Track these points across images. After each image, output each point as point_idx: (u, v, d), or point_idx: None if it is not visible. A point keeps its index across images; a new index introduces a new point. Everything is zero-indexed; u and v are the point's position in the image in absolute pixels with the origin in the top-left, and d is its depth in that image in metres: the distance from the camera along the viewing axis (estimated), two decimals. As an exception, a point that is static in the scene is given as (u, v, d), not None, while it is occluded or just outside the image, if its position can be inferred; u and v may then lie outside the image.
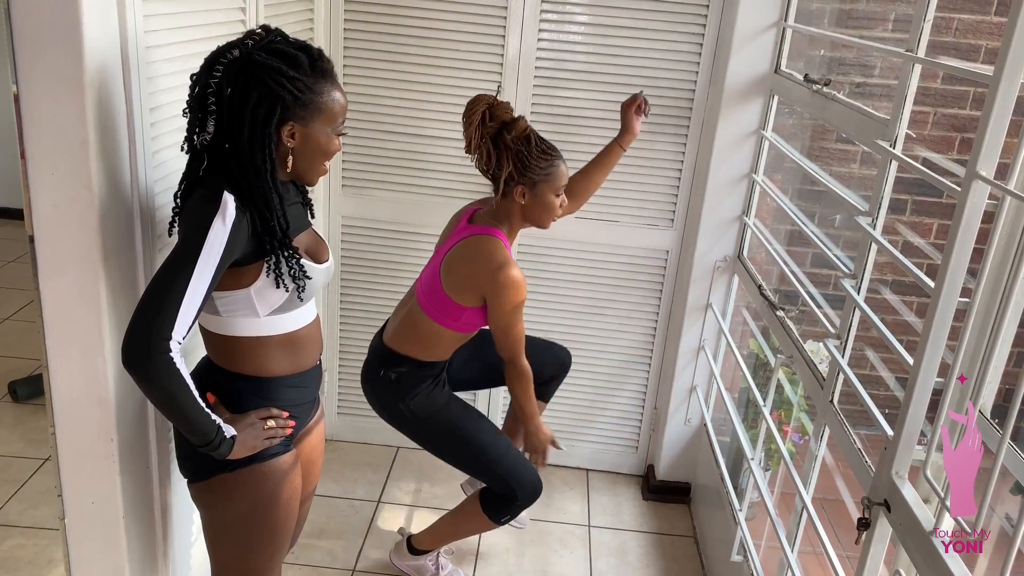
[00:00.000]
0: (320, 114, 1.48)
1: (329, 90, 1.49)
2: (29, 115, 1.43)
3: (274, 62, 1.42)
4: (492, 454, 2.21)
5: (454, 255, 2.08)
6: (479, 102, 2.00)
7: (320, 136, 1.50)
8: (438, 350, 2.16)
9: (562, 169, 2.04)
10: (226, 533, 1.62)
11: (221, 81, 1.41)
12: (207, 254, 1.37)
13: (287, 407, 1.62)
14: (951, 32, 3.10)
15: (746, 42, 2.52)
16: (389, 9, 2.63)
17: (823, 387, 1.90)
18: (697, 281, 2.78)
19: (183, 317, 1.36)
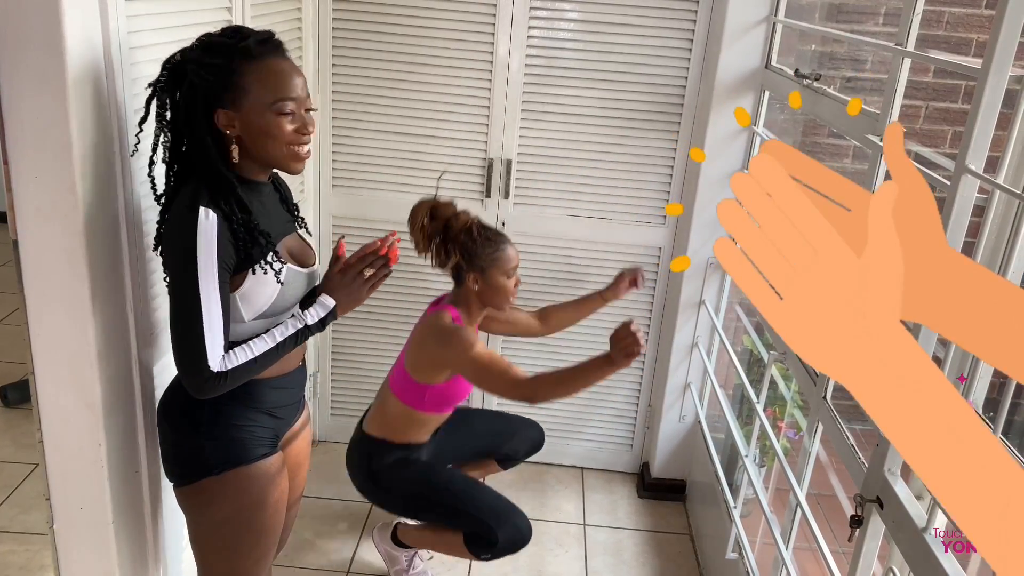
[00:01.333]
0: (246, 94, 1.42)
1: (252, 69, 1.42)
2: (11, 118, 1.41)
3: (194, 54, 1.42)
4: (462, 498, 2.25)
5: (413, 337, 2.22)
6: (419, 208, 2.11)
7: (257, 118, 1.43)
8: (411, 432, 2.24)
9: (509, 252, 2.13)
10: (212, 537, 1.61)
11: (165, 86, 1.43)
12: (204, 273, 1.38)
13: (272, 409, 1.61)
14: (942, 25, 3.09)
15: (736, 37, 2.51)
16: (378, 8, 2.61)
17: (815, 383, 1.90)
18: (690, 278, 2.77)
19: (211, 339, 1.40)
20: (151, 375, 1.76)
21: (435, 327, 2.12)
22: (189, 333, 1.40)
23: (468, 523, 2.24)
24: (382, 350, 2.97)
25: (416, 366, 2.17)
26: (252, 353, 1.46)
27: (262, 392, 1.58)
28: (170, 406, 1.60)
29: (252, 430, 1.58)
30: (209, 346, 1.40)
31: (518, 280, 2.17)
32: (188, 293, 1.39)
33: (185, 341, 1.41)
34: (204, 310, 1.39)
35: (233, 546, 1.61)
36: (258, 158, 1.49)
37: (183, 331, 1.41)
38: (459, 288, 2.17)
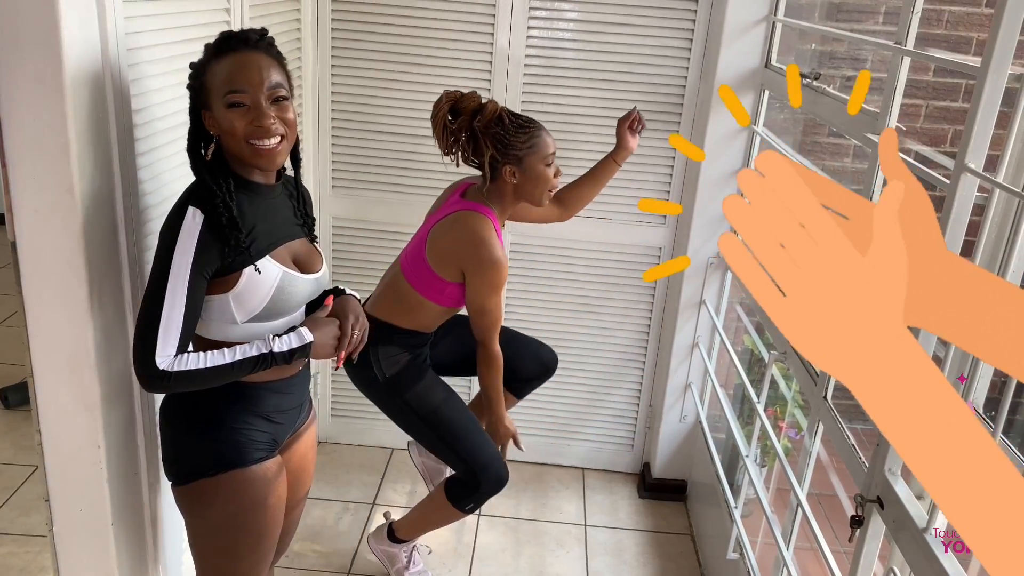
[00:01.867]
0: (210, 93, 1.43)
1: (214, 66, 1.42)
2: (8, 119, 1.41)
3: (202, 56, 1.46)
4: (456, 431, 2.17)
5: (440, 228, 2.06)
6: (440, 104, 2.01)
7: (219, 116, 1.43)
8: (420, 320, 2.14)
9: (544, 139, 2.02)
10: (208, 539, 1.60)
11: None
12: (176, 272, 1.38)
13: (271, 413, 1.60)
14: (942, 24, 3.09)
15: (736, 37, 2.50)
16: (377, 8, 2.61)
17: (816, 382, 1.89)
18: (690, 278, 2.77)
19: (164, 337, 1.39)
20: (150, 377, 1.75)
21: (475, 236, 1.98)
22: (145, 326, 1.40)
23: (454, 459, 2.19)
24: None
25: (443, 264, 2.05)
26: (203, 363, 1.42)
27: (260, 396, 1.57)
28: (170, 405, 1.59)
29: (249, 433, 1.56)
30: (160, 343, 1.38)
31: (558, 170, 2.06)
32: (156, 288, 1.39)
33: (140, 333, 1.41)
34: (166, 307, 1.38)
35: (229, 549, 1.60)
36: (231, 157, 1.47)
37: (141, 323, 1.41)
38: (493, 184, 2.03)
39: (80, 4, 1.39)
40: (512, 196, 2.05)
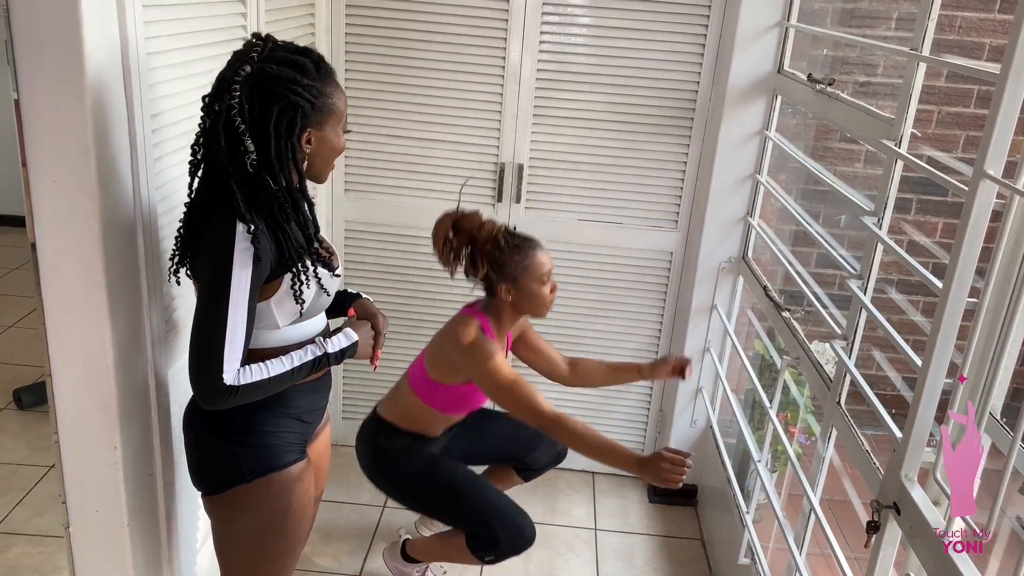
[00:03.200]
0: (331, 116, 1.50)
1: (334, 90, 1.50)
2: (30, 122, 1.42)
3: (287, 72, 1.41)
4: (465, 498, 2.20)
5: (439, 333, 2.20)
6: (443, 222, 2.06)
7: (332, 137, 1.52)
8: (422, 424, 2.22)
9: (540, 258, 2.07)
10: (242, 544, 1.61)
11: (241, 100, 1.39)
12: (236, 290, 1.39)
13: (302, 413, 1.63)
14: (954, 30, 3.08)
15: (748, 42, 2.51)
16: (390, 13, 2.63)
17: (830, 388, 1.89)
18: (702, 283, 2.77)
19: (230, 352, 1.40)
20: (166, 379, 1.76)
21: (458, 330, 2.07)
22: (209, 344, 1.40)
23: (468, 520, 2.21)
24: (393, 354, 2.98)
25: (434, 363, 2.16)
26: (267, 373, 1.46)
27: (294, 397, 1.59)
28: (198, 415, 1.59)
29: (283, 436, 1.59)
30: (227, 359, 1.40)
31: (555, 286, 2.12)
32: (217, 305, 1.39)
33: (203, 351, 1.41)
34: (229, 324, 1.39)
35: (262, 552, 1.61)
36: (312, 172, 1.55)
37: (203, 341, 1.41)
38: (491, 298, 2.13)
39: (101, 9, 1.40)
40: (511, 311, 2.13)
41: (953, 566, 1.21)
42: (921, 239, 3.29)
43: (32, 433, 3.09)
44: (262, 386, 1.46)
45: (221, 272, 1.39)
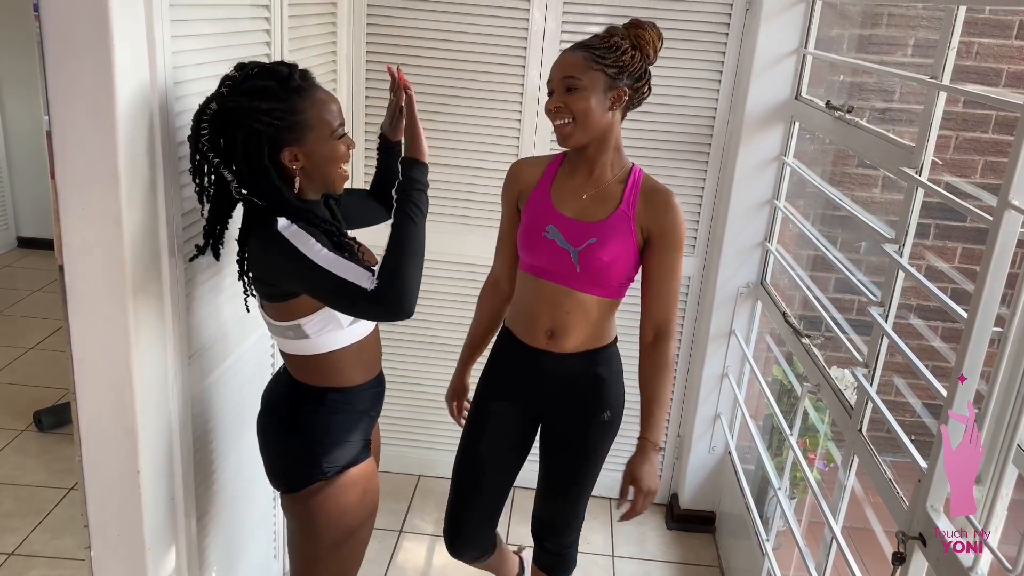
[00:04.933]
0: (310, 130, 1.52)
1: (309, 105, 1.51)
2: (61, 152, 1.44)
3: (245, 102, 1.48)
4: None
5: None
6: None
7: (321, 148, 1.54)
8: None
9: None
10: (320, 539, 1.68)
11: (211, 136, 1.49)
12: (308, 249, 1.47)
13: (370, 410, 1.73)
14: (972, 56, 3.09)
15: (766, 69, 2.52)
16: (410, 41, 2.66)
17: (851, 416, 1.88)
18: (720, 307, 2.76)
19: (351, 275, 1.46)
20: (189, 402, 1.78)
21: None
22: (337, 290, 1.47)
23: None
24: (416, 378, 2.98)
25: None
26: (391, 255, 1.50)
27: (361, 397, 1.69)
28: (277, 418, 1.69)
29: (355, 433, 1.69)
30: (355, 279, 1.46)
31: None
32: (315, 273, 1.46)
33: (340, 296, 1.48)
34: (330, 267, 1.46)
35: (338, 547, 1.69)
36: (318, 183, 1.59)
37: (333, 293, 1.48)
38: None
39: (133, 40, 1.43)
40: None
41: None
42: (940, 265, 3.27)
43: (51, 455, 3.11)
44: (399, 262, 1.49)
45: (299, 262, 1.47)
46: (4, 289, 4.75)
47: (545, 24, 2.62)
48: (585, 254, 1.76)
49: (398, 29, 2.66)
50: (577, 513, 2.08)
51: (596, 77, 1.69)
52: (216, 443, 1.95)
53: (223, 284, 1.90)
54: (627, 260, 1.78)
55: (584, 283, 1.79)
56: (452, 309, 2.89)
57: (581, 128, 1.71)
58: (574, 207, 1.81)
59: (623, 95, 1.73)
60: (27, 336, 4.12)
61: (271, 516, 2.41)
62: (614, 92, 1.71)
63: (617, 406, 1.96)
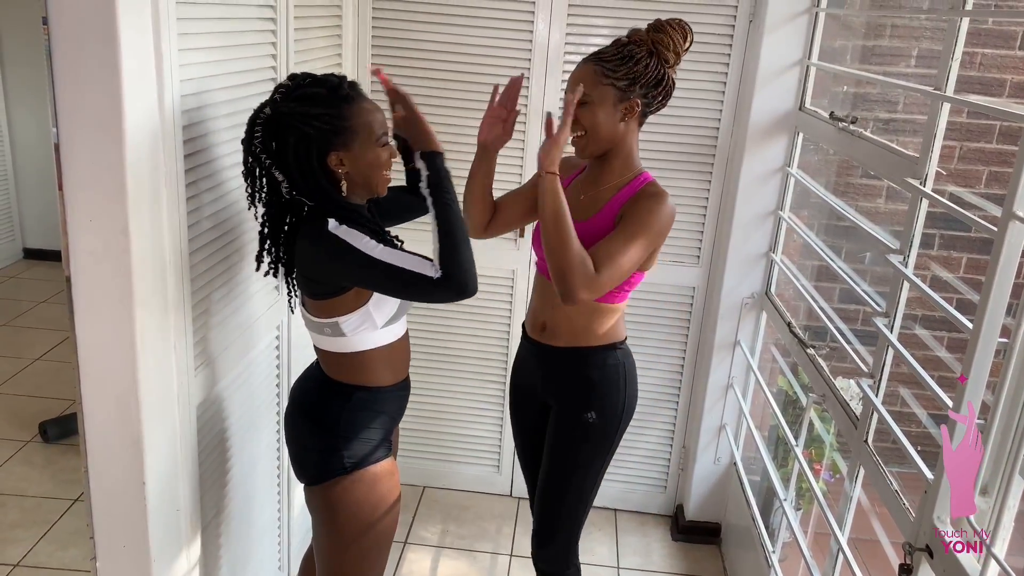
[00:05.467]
0: (356, 135, 1.59)
1: (355, 113, 1.59)
2: (69, 165, 1.45)
3: (296, 107, 1.56)
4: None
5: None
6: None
7: (367, 153, 1.61)
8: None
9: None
10: (341, 534, 1.72)
11: (264, 139, 1.58)
12: (364, 246, 1.54)
13: (394, 413, 1.78)
14: (975, 67, 3.09)
15: (770, 80, 2.53)
16: (414, 54, 2.67)
17: (856, 426, 1.88)
18: (724, 318, 2.76)
19: (413, 265, 1.54)
20: (194, 414, 1.78)
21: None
22: (403, 281, 1.54)
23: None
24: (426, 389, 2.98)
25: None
26: (440, 236, 1.57)
27: (387, 399, 1.75)
28: (304, 411, 1.75)
29: (377, 432, 1.73)
30: (419, 270, 1.54)
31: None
32: (373, 268, 1.54)
33: (407, 287, 1.56)
34: (391, 260, 1.54)
35: (359, 543, 1.73)
36: (362, 188, 1.65)
37: (398, 285, 1.56)
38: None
39: (140, 52, 1.44)
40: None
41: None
42: (945, 275, 3.27)
43: (57, 466, 3.11)
44: (448, 242, 1.56)
45: (353, 257, 1.54)
46: (10, 300, 4.77)
47: (549, 36, 2.63)
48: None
49: (403, 41, 2.68)
50: (557, 524, 1.99)
51: (605, 92, 1.71)
52: (222, 453, 1.95)
53: (230, 295, 1.91)
54: None
55: None
56: (460, 320, 2.90)
57: (593, 141, 1.76)
58: (571, 207, 1.81)
59: (635, 106, 1.74)
60: (33, 347, 4.13)
61: (276, 526, 2.41)
62: (625, 104, 1.73)
63: (606, 411, 1.90)
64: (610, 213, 1.78)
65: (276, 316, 2.21)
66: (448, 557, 2.78)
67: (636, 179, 1.81)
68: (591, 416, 1.89)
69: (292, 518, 2.53)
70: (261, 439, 2.21)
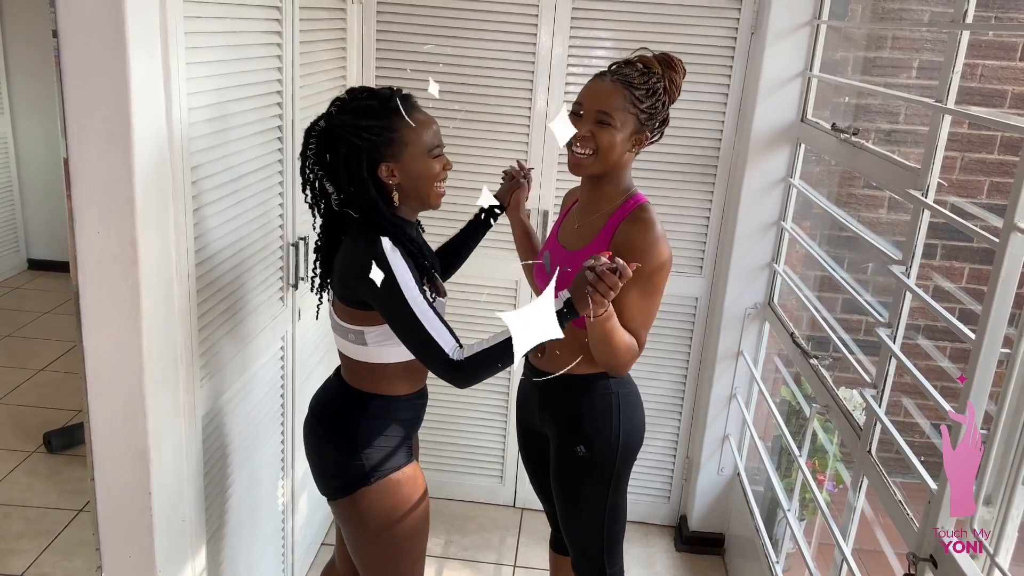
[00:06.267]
0: (406, 146, 1.61)
1: (405, 124, 1.61)
2: (77, 177, 1.47)
3: (348, 119, 1.60)
4: None
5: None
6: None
7: (417, 164, 1.63)
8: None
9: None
10: (373, 543, 1.74)
11: (317, 151, 1.62)
12: (407, 290, 1.55)
13: (413, 421, 1.78)
14: (976, 78, 3.11)
15: (772, 91, 2.54)
16: (418, 66, 2.69)
17: (860, 437, 1.88)
18: (728, 328, 2.77)
19: (439, 336, 1.55)
20: (199, 424, 1.79)
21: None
22: (421, 340, 1.56)
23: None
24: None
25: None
26: (488, 345, 1.56)
27: (402, 408, 1.75)
28: (321, 420, 1.76)
29: (397, 440, 1.74)
30: (441, 342, 1.55)
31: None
32: (403, 311, 1.55)
33: (422, 348, 1.57)
34: (421, 317, 1.55)
35: (393, 549, 1.74)
36: (414, 199, 1.67)
37: (415, 341, 1.57)
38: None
39: (149, 65, 1.46)
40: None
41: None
42: (947, 285, 3.28)
43: (61, 477, 3.12)
44: (487, 355, 1.55)
45: (393, 291, 1.54)
46: (15, 311, 4.78)
47: (552, 48, 2.65)
48: (559, 281, 1.75)
49: (407, 54, 2.70)
50: (590, 554, 1.97)
51: (628, 120, 1.70)
52: (227, 464, 1.96)
53: (235, 305, 1.92)
54: None
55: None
56: (464, 330, 2.89)
57: (600, 161, 1.72)
58: (566, 235, 1.86)
59: (644, 140, 1.75)
60: (37, 358, 4.14)
61: (281, 536, 2.41)
62: (638, 135, 1.73)
63: (597, 444, 1.84)
64: (604, 240, 1.76)
65: (281, 326, 2.22)
66: (451, 568, 2.78)
67: (627, 202, 1.78)
68: (581, 450, 1.85)
69: (297, 528, 2.53)
70: (266, 449, 2.22)
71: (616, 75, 1.72)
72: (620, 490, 1.91)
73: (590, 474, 1.87)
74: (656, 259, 1.69)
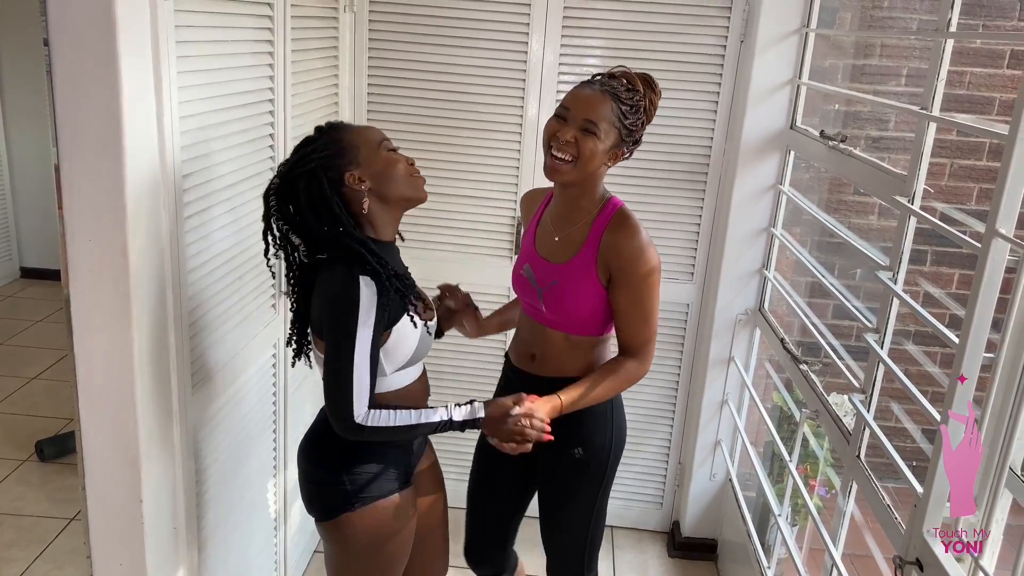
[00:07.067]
0: (358, 148, 1.60)
1: (346, 133, 1.61)
2: (69, 185, 1.47)
3: (294, 157, 1.61)
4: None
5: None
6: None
7: (377, 160, 1.60)
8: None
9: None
10: (353, 567, 1.74)
11: (279, 205, 1.60)
12: (361, 339, 1.53)
13: (396, 453, 1.73)
14: (964, 85, 3.13)
15: (761, 99, 2.56)
16: (410, 75, 2.70)
17: (849, 441, 1.89)
18: (719, 334, 2.78)
19: (358, 396, 1.55)
20: (192, 432, 1.79)
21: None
22: (340, 389, 1.55)
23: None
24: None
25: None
26: (392, 421, 1.59)
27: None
28: (313, 446, 1.74)
29: (387, 467, 1.71)
30: (356, 402, 1.55)
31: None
32: (344, 356, 1.53)
33: (336, 394, 1.56)
34: (356, 372, 1.54)
35: (370, 572, 1.74)
36: (394, 198, 1.63)
37: (335, 386, 1.56)
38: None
39: (140, 74, 1.47)
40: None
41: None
42: (936, 291, 3.30)
43: (53, 485, 3.11)
44: (386, 431, 1.59)
45: (345, 327, 1.53)
46: (7, 319, 4.77)
47: (543, 56, 2.66)
48: (548, 295, 1.80)
49: (399, 62, 2.71)
50: (569, 558, 2.00)
51: (612, 132, 1.70)
52: (218, 472, 1.96)
53: (227, 313, 1.93)
54: (591, 300, 1.77)
55: (550, 321, 1.84)
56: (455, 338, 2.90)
57: (579, 169, 1.71)
58: (547, 247, 1.84)
59: (621, 155, 1.76)
60: (29, 366, 4.13)
61: (273, 544, 2.41)
62: (616, 150, 1.74)
63: (594, 447, 1.86)
64: (589, 251, 1.76)
65: (273, 334, 2.23)
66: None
67: (606, 207, 1.78)
68: (578, 452, 1.86)
69: (289, 536, 2.53)
70: (258, 457, 2.22)
71: (604, 86, 1.72)
72: (607, 494, 1.96)
73: (584, 476, 1.89)
74: (646, 264, 1.71)
